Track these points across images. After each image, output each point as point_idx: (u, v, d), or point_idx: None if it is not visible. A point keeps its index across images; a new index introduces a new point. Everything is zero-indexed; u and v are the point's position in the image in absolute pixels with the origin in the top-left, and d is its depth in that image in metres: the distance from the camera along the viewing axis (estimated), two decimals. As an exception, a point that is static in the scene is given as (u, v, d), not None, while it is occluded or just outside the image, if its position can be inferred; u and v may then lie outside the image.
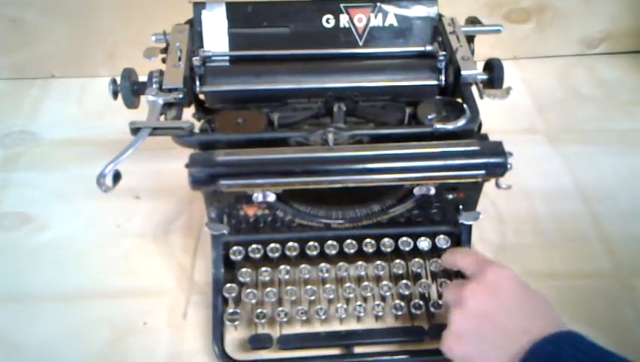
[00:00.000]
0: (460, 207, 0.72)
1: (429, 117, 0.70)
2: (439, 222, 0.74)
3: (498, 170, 0.64)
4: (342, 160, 0.63)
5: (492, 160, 0.64)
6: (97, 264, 0.82)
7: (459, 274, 0.71)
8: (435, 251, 0.75)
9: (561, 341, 0.50)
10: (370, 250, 0.73)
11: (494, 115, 0.79)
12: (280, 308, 0.70)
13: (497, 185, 0.68)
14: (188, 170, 0.61)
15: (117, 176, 0.60)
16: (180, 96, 0.68)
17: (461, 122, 0.66)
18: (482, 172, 0.64)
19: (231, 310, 0.70)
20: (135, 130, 0.62)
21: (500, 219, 0.85)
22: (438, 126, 0.66)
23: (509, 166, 0.65)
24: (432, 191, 0.67)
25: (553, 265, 0.79)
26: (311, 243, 0.73)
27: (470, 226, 0.74)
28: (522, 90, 1.12)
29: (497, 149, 0.64)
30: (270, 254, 0.72)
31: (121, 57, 1.08)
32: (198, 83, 0.73)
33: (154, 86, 0.69)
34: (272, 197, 0.65)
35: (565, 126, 1.01)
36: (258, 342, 0.69)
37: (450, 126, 0.66)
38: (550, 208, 0.87)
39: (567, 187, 0.90)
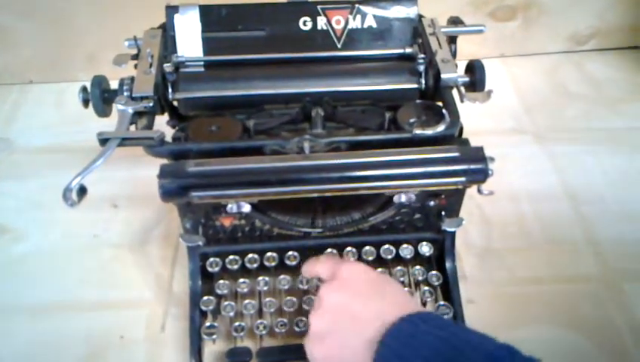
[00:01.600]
0: (443, 213, 0.71)
1: (411, 121, 0.68)
2: (422, 228, 0.72)
3: (479, 177, 0.63)
4: (318, 168, 0.61)
5: (472, 166, 0.62)
6: (74, 275, 0.80)
7: (443, 283, 0.70)
8: (418, 258, 0.73)
9: (416, 319, 0.50)
10: (352, 259, 0.71)
11: (480, 115, 0.78)
12: (259, 321, 0.68)
13: (479, 191, 0.66)
14: (158, 181, 0.59)
15: (82, 190, 0.58)
16: (151, 104, 0.66)
17: (440, 127, 0.64)
18: (462, 179, 0.62)
19: (208, 323, 0.68)
20: (103, 140, 0.60)
21: (485, 222, 0.84)
22: (418, 131, 0.64)
23: (490, 172, 0.63)
24: (413, 199, 0.65)
25: (540, 269, 0.77)
26: (290, 252, 0.71)
27: (453, 233, 0.72)
28: (509, 89, 1.10)
29: (477, 155, 0.63)
30: (248, 265, 0.71)
31: (101, 62, 1.06)
32: (170, 90, 0.71)
33: (124, 94, 0.66)
34: (247, 208, 0.63)
35: (553, 125, 1.00)
36: (237, 356, 0.67)
37: (429, 131, 0.64)
38: (537, 210, 0.85)
39: (554, 188, 0.89)
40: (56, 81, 1.10)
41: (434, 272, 0.72)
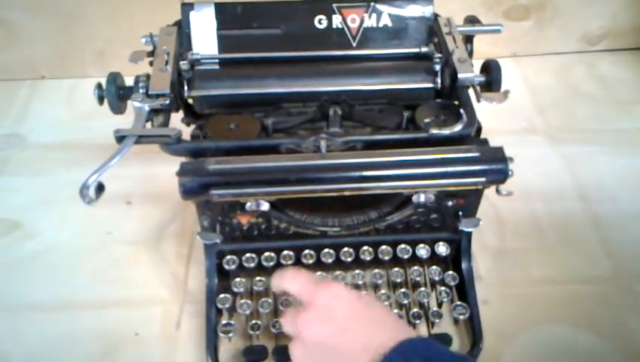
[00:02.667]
0: (460, 213, 0.70)
1: (427, 120, 0.67)
2: (438, 228, 0.72)
3: (499, 177, 0.62)
4: (335, 167, 0.61)
5: (493, 166, 0.62)
6: (87, 273, 0.79)
7: (459, 283, 0.70)
8: (435, 258, 0.73)
9: (406, 350, 0.47)
10: (368, 258, 0.71)
11: (493, 115, 0.77)
12: (275, 319, 0.68)
13: (498, 192, 0.66)
14: (178, 179, 0.59)
15: (100, 188, 0.58)
16: (167, 102, 0.65)
17: (457, 127, 0.64)
18: (482, 179, 0.62)
19: (224, 321, 0.68)
20: (120, 138, 0.60)
21: (499, 222, 0.84)
22: (434, 131, 0.64)
23: (510, 172, 0.63)
24: (432, 199, 0.65)
25: (553, 269, 0.77)
26: (307, 251, 0.71)
27: (470, 233, 0.72)
28: (522, 89, 1.10)
29: (498, 155, 0.62)
30: (265, 263, 0.70)
31: (112, 57, 1.05)
32: (186, 87, 0.71)
33: (140, 91, 0.66)
34: (265, 206, 0.63)
35: (565, 125, 1.00)
36: (253, 354, 0.67)
37: (446, 131, 0.64)
38: (550, 209, 0.85)
39: (566, 188, 0.89)
40: (67, 77, 1.09)
41: (450, 272, 0.71)
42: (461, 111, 0.66)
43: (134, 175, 0.90)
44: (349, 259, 0.71)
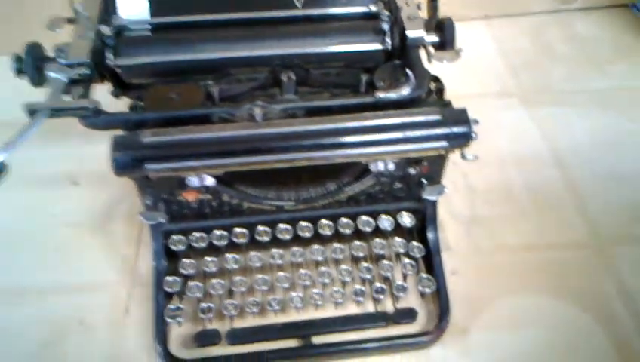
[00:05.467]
0: (424, 181, 0.66)
1: (381, 84, 0.62)
2: (402, 198, 0.68)
3: (462, 141, 0.58)
4: (270, 137, 0.56)
5: (455, 129, 0.58)
6: (29, 257, 0.74)
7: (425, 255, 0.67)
8: (399, 230, 0.69)
9: None
10: (327, 232, 0.67)
11: (464, 79, 0.74)
12: (229, 301, 0.63)
13: (463, 157, 0.61)
14: (110, 154, 0.53)
15: (2, 168, 0.52)
16: (86, 71, 0.59)
17: (405, 90, 0.58)
18: (444, 143, 0.58)
19: (173, 306, 0.63)
20: (32, 112, 0.54)
21: (470, 190, 0.81)
22: (381, 95, 0.58)
23: (473, 135, 0.58)
24: (392, 167, 0.60)
25: (528, 236, 0.75)
26: (261, 227, 0.67)
27: (435, 201, 0.68)
28: (494, 51, 1.05)
29: (460, 117, 0.58)
30: (216, 242, 0.66)
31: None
32: (111, 55, 0.64)
33: (59, 61, 0.60)
34: (210, 181, 0.58)
35: (539, 87, 0.97)
36: (205, 339, 0.62)
37: (393, 94, 0.58)
38: (524, 175, 0.83)
39: (541, 152, 0.86)
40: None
41: (415, 244, 0.68)
42: (408, 72, 0.60)
43: (82, 154, 0.84)
44: (308, 235, 0.67)
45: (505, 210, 0.79)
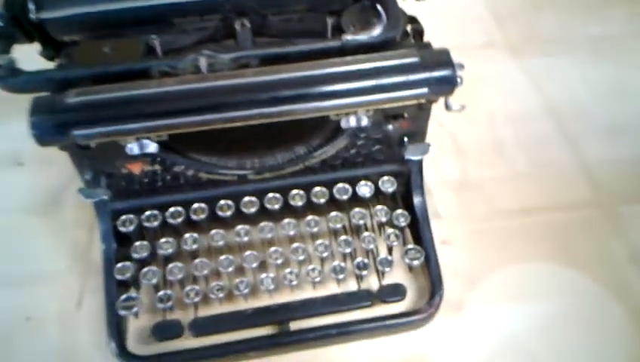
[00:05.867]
0: (405, 139, 0.57)
1: (349, 29, 0.53)
2: (381, 161, 0.61)
3: (445, 87, 0.50)
4: (218, 91, 0.48)
5: (436, 73, 0.49)
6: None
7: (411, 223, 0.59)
8: (380, 197, 0.61)
9: None
10: (299, 203, 0.60)
11: (446, 30, 0.66)
12: (190, 287, 0.55)
13: (447, 107, 0.53)
14: (29, 119, 0.44)
15: None
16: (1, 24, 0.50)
17: (376, 31, 0.50)
18: (424, 90, 0.49)
19: (124, 296, 0.54)
20: None
21: (459, 152, 0.75)
22: (348, 38, 0.50)
23: (458, 80, 0.50)
24: (366, 122, 0.52)
25: (525, 199, 0.69)
26: (222, 201, 0.59)
27: (420, 162, 0.61)
28: (478, -2, 0.97)
29: (442, 59, 0.50)
30: (171, 220, 0.57)
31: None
32: (32, 7, 0.55)
33: None
34: (152, 148, 0.49)
35: (528, 36, 0.90)
36: (165, 331, 0.55)
37: (362, 36, 0.50)
38: (517, 132, 0.77)
39: (535, 107, 0.80)
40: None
41: (400, 211, 0.60)
42: (380, 11, 0.52)
43: (25, 132, 0.74)
44: (277, 207, 0.59)
45: (499, 171, 0.73)
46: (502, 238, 0.65)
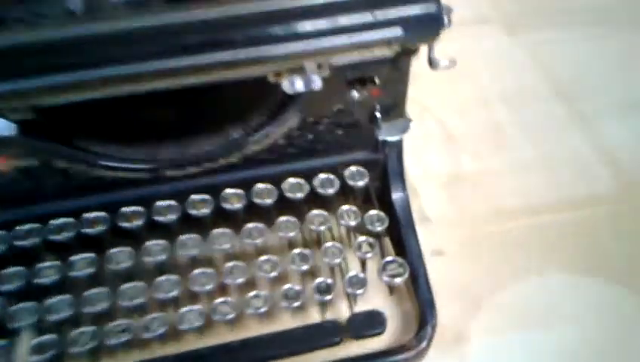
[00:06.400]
0: (378, 114, 0.42)
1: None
2: (348, 145, 0.47)
3: (427, 28, 0.35)
4: (96, 40, 0.34)
5: (414, 8, 0.34)
6: None
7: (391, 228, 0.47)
8: (349, 194, 0.48)
9: None
10: (236, 206, 0.45)
11: None
12: (78, 330, 0.38)
13: (431, 63, 0.39)
14: None
15: None
16: None
17: None
18: (398, 32, 0.34)
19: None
20: None
21: (450, 140, 0.64)
22: None
23: (445, 21, 0.35)
24: (318, 85, 0.37)
25: (534, 195, 0.59)
26: (128, 208, 0.43)
27: (398, 144, 0.47)
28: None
29: (421, -11, 0.35)
30: (55, 237, 0.41)
31: None
32: None
33: None
34: (8, 128, 0.33)
35: (523, 9, 0.81)
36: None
37: None
38: (519, 116, 0.67)
39: (538, 86, 0.71)
40: None
41: (374, 213, 0.47)
42: None
43: None
44: (205, 212, 0.43)
45: (499, 162, 0.62)
46: (508, 245, 0.54)
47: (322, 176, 0.47)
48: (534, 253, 0.54)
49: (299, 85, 0.38)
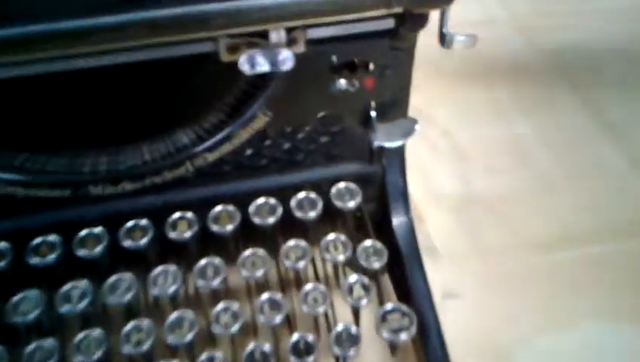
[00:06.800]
0: (372, 113, 0.34)
1: None
2: (335, 154, 0.37)
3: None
4: None
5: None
6: None
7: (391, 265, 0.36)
8: (336, 216, 0.38)
9: None
10: (186, 235, 0.34)
11: None
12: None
13: (443, 41, 0.30)
14: None
15: None
16: None
17: None
18: None
19: None
20: None
21: (460, 156, 0.56)
22: None
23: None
24: (289, 63, 0.27)
25: (560, 222, 0.50)
26: (40, 238, 0.33)
27: (400, 151, 0.38)
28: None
29: None
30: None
31: None
32: None
33: None
34: None
35: (535, 9, 0.75)
36: None
37: None
38: (540, 126, 0.59)
39: (559, 93, 0.63)
40: None
41: (369, 243, 0.37)
42: None
43: None
44: (143, 243, 0.33)
45: (518, 180, 0.54)
46: (533, 285, 0.45)
47: (301, 195, 0.37)
48: (567, 294, 0.45)
49: (261, 64, 0.28)
